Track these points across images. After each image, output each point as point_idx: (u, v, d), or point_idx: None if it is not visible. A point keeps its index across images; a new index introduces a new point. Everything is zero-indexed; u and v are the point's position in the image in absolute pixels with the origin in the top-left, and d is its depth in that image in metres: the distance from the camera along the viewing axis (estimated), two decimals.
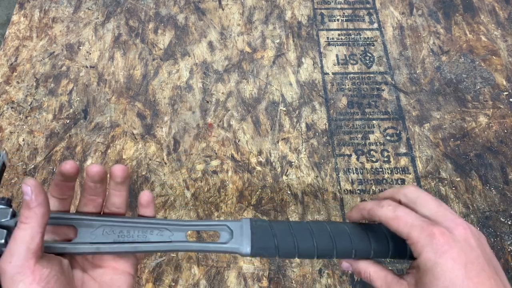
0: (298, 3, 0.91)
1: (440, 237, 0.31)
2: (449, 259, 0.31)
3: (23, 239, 0.30)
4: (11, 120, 0.75)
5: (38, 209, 0.31)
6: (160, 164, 0.71)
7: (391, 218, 0.34)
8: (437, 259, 0.31)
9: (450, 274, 0.30)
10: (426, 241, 0.32)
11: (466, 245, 0.31)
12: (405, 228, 0.33)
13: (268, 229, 0.36)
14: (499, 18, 0.88)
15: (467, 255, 0.31)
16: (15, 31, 0.87)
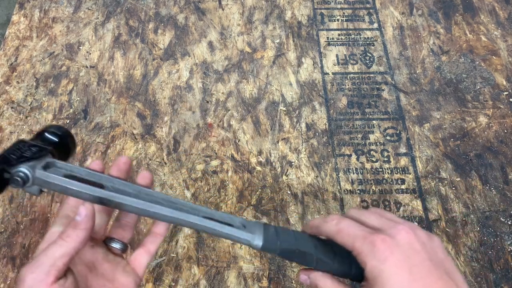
0: (298, 3, 0.91)
1: (381, 244, 0.32)
2: (392, 265, 0.31)
3: (54, 254, 0.32)
4: (11, 120, 0.75)
5: (82, 233, 0.33)
6: (160, 164, 0.71)
7: (335, 232, 0.35)
8: (381, 265, 0.31)
9: (396, 279, 0.31)
10: (368, 250, 0.32)
11: (410, 249, 0.32)
12: (349, 240, 0.34)
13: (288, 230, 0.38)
14: (499, 18, 0.88)
15: (410, 259, 0.31)
16: (15, 31, 0.87)
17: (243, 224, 0.38)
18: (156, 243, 0.40)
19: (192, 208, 0.38)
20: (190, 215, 0.37)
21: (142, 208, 0.37)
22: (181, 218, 0.37)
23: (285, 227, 0.39)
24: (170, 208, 0.37)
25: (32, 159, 0.36)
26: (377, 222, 0.35)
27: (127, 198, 0.37)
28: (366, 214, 0.36)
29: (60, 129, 0.41)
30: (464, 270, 0.61)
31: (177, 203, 0.38)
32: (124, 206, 0.38)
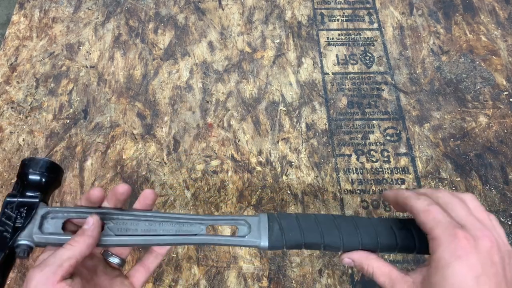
0: (298, 3, 0.91)
1: (462, 240, 0.30)
2: (464, 265, 0.30)
3: (62, 256, 0.33)
4: (11, 120, 0.75)
5: (88, 239, 0.35)
6: (160, 164, 0.71)
7: (422, 211, 0.34)
8: (452, 260, 0.30)
9: (460, 279, 0.29)
10: (446, 240, 0.31)
11: (487, 258, 0.30)
12: (432, 222, 0.33)
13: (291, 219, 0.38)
14: (499, 18, 0.88)
15: (483, 268, 0.30)
16: (15, 31, 0.87)
17: (248, 224, 0.38)
18: (156, 263, 0.41)
19: (196, 219, 0.38)
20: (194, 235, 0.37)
21: (145, 244, 0.38)
22: (186, 241, 0.38)
23: (290, 216, 0.38)
24: (174, 228, 0.38)
25: (26, 226, 0.36)
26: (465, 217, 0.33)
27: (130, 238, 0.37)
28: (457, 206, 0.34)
29: (41, 164, 0.39)
30: None
31: (180, 218, 0.38)
32: (127, 245, 0.38)
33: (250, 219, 0.38)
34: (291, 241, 0.37)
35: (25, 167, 0.38)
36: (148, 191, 0.40)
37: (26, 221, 0.36)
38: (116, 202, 0.39)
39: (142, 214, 0.38)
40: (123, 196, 0.39)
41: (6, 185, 0.68)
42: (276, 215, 0.38)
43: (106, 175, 0.69)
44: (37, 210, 0.37)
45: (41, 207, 0.37)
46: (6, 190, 0.68)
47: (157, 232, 0.37)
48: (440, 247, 0.31)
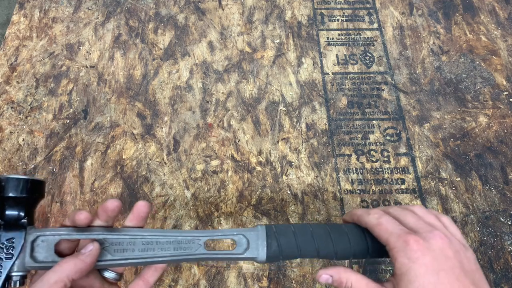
0: (298, 3, 0.91)
1: (414, 244, 0.33)
2: (422, 265, 0.32)
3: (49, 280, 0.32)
4: (11, 120, 0.75)
5: (80, 264, 0.34)
6: (160, 164, 0.71)
7: (374, 225, 0.37)
8: (411, 264, 0.32)
9: (423, 279, 0.32)
10: (401, 247, 0.33)
11: (441, 254, 0.33)
12: (385, 235, 0.35)
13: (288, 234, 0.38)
14: (499, 18, 0.88)
15: (440, 264, 0.32)
16: (15, 31, 0.87)
17: (246, 238, 0.38)
18: (156, 276, 0.40)
19: (194, 236, 0.37)
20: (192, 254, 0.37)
21: (141, 262, 0.37)
22: (185, 258, 0.37)
23: (287, 231, 0.38)
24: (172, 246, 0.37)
25: (17, 258, 0.33)
26: (415, 224, 0.36)
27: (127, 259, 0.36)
28: (408, 215, 0.37)
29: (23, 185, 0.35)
30: None
31: (178, 236, 0.37)
32: (124, 265, 0.37)
33: (248, 233, 0.38)
34: (287, 256, 0.38)
35: (4, 190, 0.34)
36: (141, 203, 0.39)
37: (16, 252, 0.33)
38: (107, 218, 0.37)
39: (138, 233, 0.37)
40: (114, 212, 0.37)
41: None
42: (274, 229, 0.38)
43: (106, 175, 0.69)
44: (26, 237, 0.34)
45: (29, 232, 0.35)
46: None
47: (154, 252, 0.36)
48: (398, 255, 0.34)
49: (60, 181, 0.69)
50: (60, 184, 0.68)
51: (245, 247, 0.37)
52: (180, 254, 0.37)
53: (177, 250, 0.37)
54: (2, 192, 0.34)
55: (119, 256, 0.36)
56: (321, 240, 0.38)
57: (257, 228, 0.38)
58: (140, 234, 0.37)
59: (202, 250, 0.37)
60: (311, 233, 0.38)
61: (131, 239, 0.37)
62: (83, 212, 0.35)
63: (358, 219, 0.40)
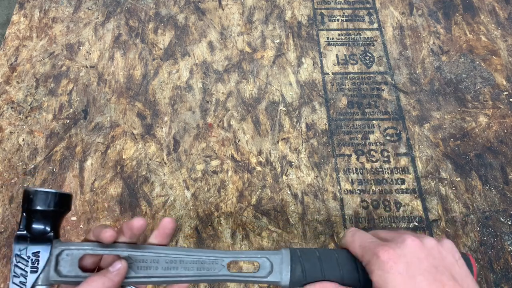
0: (298, 3, 0.91)
1: (384, 255, 0.33)
2: (397, 274, 0.32)
3: None
4: (11, 120, 0.75)
5: (108, 282, 0.34)
6: (160, 164, 0.71)
7: (349, 242, 0.37)
8: (385, 274, 0.32)
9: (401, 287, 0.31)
10: (373, 260, 0.33)
11: (414, 257, 0.33)
12: (359, 251, 0.35)
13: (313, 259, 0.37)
14: (499, 18, 0.88)
15: (414, 268, 0.32)
16: (15, 31, 0.87)
17: (270, 261, 0.37)
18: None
19: (217, 256, 0.37)
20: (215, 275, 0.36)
21: (164, 281, 0.36)
22: (208, 279, 0.37)
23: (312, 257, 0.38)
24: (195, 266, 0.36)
25: (42, 271, 0.33)
26: (387, 234, 0.36)
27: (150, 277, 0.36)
28: (381, 231, 0.38)
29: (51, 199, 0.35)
30: None
31: (202, 255, 0.37)
32: (147, 283, 0.37)
33: (273, 257, 0.37)
34: (311, 281, 0.37)
35: (32, 203, 0.34)
36: (167, 220, 0.39)
37: (41, 266, 0.33)
38: (132, 236, 0.37)
39: (162, 251, 0.37)
40: (139, 231, 0.37)
41: (6, 185, 0.68)
42: (299, 254, 0.37)
43: (106, 175, 0.69)
44: (52, 251, 0.34)
45: (55, 246, 0.35)
46: (6, 190, 0.68)
47: (177, 271, 0.36)
48: (372, 268, 0.33)
49: (60, 181, 0.69)
50: (60, 184, 0.68)
51: (268, 271, 0.37)
52: (203, 274, 0.36)
53: (200, 270, 0.36)
54: (30, 205, 0.34)
55: (143, 273, 0.36)
56: (346, 267, 0.37)
57: (281, 252, 0.38)
58: (164, 252, 0.37)
59: (225, 271, 0.37)
60: (336, 259, 0.37)
61: (155, 257, 0.36)
62: (108, 230, 0.35)
63: (340, 243, 0.40)
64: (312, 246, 0.64)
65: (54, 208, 0.35)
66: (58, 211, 0.35)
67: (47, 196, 0.35)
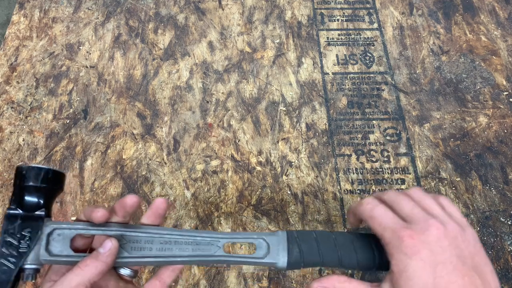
0: (298, 3, 0.91)
1: (409, 240, 0.32)
2: (419, 260, 0.31)
3: (70, 283, 0.32)
4: (11, 120, 0.75)
5: (101, 265, 0.33)
6: (160, 164, 0.71)
7: (368, 217, 0.36)
8: (407, 260, 0.32)
9: (421, 275, 0.31)
10: (396, 243, 0.33)
11: (437, 246, 0.32)
12: (380, 229, 0.34)
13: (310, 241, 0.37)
14: (499, 18, 0.88)
15: (437, 257, 0.31)
16: (15, 31, 0.87)
17: (267, 242, 0.37)
18: (172, 276, 0.39)
19: (213, 237, 0.37)
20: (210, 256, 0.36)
21: (158, 261, 0.36)
22: (203, 261, 0.36)
23: (309, 238, 0.37)
24: (190, 247, 0.36)
25: (32, 249, 0.33)
26: (411, 212, 0.35)
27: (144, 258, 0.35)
28: (403, 201, 0.36)
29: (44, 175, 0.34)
30: None
31: (197, 236, 0.36)
32: (141, 264, 0.36)
33: (269, 238, 0.37)
34: (309, 263, 0.36)
35: (25, 179, 0.34)
36: (159, 200, 0.38)
37: (32, 244, 0.33)
38: (125, 214, 0.37)
39: (156, 232, 0.36)
40: (132, 208, 0.36)
41: (6, 185, 0.68)
42: (296, 235, 0.37)
43: (106, 175, 0.69)
44: (43, 229, 0.34)
45: (46, 224, 0.34)
46: (6, 190, 0.68)
47: (172, 252, 0.35)
48: (393, 251, 0.33)
49: None
50: None
51: (265, 252, 0.36)
52: (198, 255, 0.36)
53: (196, 251, 0.36)
54: (23, 181, 0.34)
55: (136, 254, 0.35)
56: (344, 249, 0.36)
57: (278, 233, 0.37)
58: (158, 233, 0.36)
59: (221, 253, 0.36)
60: (334, 240, 0.37)
61: (149, 237, 0.36)
62: (100, 210, 0.34)
63: (354, 212, 0.38)
64: None
65: (47, 185, 0.34)
66: (51, 188, 0.35)
67: (40, 172, 0.34)
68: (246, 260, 0.36)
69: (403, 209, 0.35)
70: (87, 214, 0.35)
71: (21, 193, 0.34)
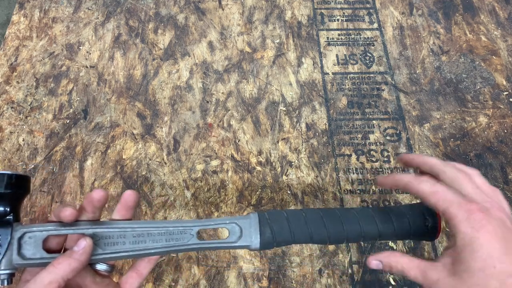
0: (298, 3, 0.91)
1: (478, 213, 0.32)
2: (487, 234, 0.31)
3: (43, 280, 0.31)
4: (11, 120, 0.75)
5: (75, 263, 0.33)
6: (160, 164, 0.71)
7: (430, 193, 0.35)
8: (475, 233, 0.31)
9: (488, 247, 0.30)
10: (464, 216, 0.32)
11: (502, 224, 0.32)
12: (444, 204, 0.34)
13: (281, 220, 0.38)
14: (499, 18, 0.88)
15: (504, 233, 0.31)
16: (15, 31, 0.87)
17: (239, 226, 0.38)
18: (149, 267, 0.39)
19: (185, 226, 0.37)
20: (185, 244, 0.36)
21: (133, 254, 0.36)
22: (177, 249, 0.37)
23: (280, 218, 0.38)
24: (163, 237, 0.36)
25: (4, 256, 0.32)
26: (474, 193, 0.34)
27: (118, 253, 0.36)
28: (464, 182, 0.36)
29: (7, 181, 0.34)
30: None
31: (169, 226, 0.37)
32: (115, 259, 0.36)
33: (241, 221, 0.38)
34: (281, 242, 0.37)
35: None
36: (128, 192, 0.38)
37: (2, 250, 0.32)
38: (94, 210, 0.36)
39: (128, 226, 0.36)
40: (100, 203, 0.36)
41: None
42: (267, 216, 0.38)
43: (106, 175, 0.69)
44: (13, 234, 0.33)
45: (15, 229, 0.34)
46: None
47: (146, 244, 0.36)
48: (460, 224, 0.32)
49: (60, 181, 0.69)
50: (60, 184, 0.68)
51: (238, 235, 0.37)
52: (172, 245, 0.36)
53: (169, 242, 0.36)
54: None
55: (110, 250, 0.35)
56: (315, 225, 0.37)
57: (250, 216, 0.38)
58: (130, 227, 0.36)
59: (194, 240, 0.37)
60: (304, 218, 0.38)
61: (121, 232, 0.36)
62: (68, 209, 0.34)
63: (405, 186, 0.38)
64: (312, 246, 0.64)
65: (12, 190, 0.34)
66: (16, 192, 0.35)
67: (2, 178, 0.34)
68: (220, 245, 0.37)
69: (465, 188, 0.35)
70: (56, 214, 0.35)
71: None
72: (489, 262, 0.30)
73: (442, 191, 0.35)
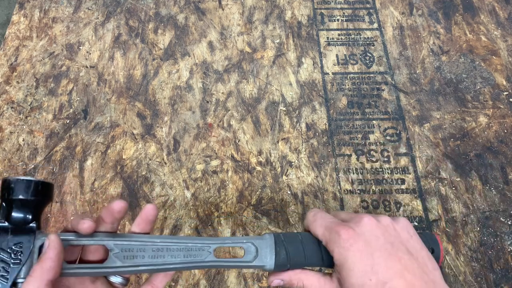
0: (298, 3, 0.91)
1: (345, 234, 0.34)
2: (356, 251, 0.34)
3: None
4: (11, 120, 0.75)
5: (45, 263, 0.31)
6: (160, 164, 0.71)
7: (311, 222, 0.39)
8: (346, 253, 0.34)
9: (359, 264, 0.33)
10: (334, 239, 0.35)
11: (371, 236, 0.35)
12: (320, 230, 0.37)
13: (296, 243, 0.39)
14: (499, 18, 0.88)
15: (372, 245, 0.34)
16: (15, 31, 0.87)
17: (255, 246, 0.38)
18: (164, 282, 0.39)
19: (204, 243, 0.37)
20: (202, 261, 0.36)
21: (151, 269, 0.36)
22: (195, 266, 0.37)
23: (295, 241, 0.39)
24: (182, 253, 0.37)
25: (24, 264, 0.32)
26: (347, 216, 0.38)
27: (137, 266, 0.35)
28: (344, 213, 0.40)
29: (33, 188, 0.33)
30: (464, 270, 0.61)
31: (188, 243, 0.37)
32: (133, 272, 0.36)
33: (257, 242, 0.38)
34: (295, 264, 0.38)
35: (13, 192, 0.33)
36: (149, 206, 0.38)
37: (24, 258, 0.32)
38: (113, 220, 0.36)
39: (149, 240, 0.36)
40: (120, 214, 0.36)
41: None
42: (282, 238, 0.39)
43: (106, 175, 0.69)
44: (34, 242, 0.33)
45: (37, 237, 0.33)
46: None
47: (164, 259, 0.36)
48: (333, 247, 0.35)
49: (60, 181, 0.69)
50: (60, 184, 0.68)
51: (254, 255, 0.38)
52: (190, 261, 0.36)
53: (187, 258, 0.36)
54: (10, 194, 0.33)
55: (129, 263, 0.35)
56: (326, 249, 0.38)
57: (265, 237, 0.39)
58: (150, 241, 0.36)
59: (211, 258, 0.37)
60: (318, 242, 0.39)
61: (141, 246, 0.36)
62: (86, 221, 0.34)
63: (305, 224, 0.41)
64: None
65: (36, 197, 0.34)
66: (40, 200, 0.34)
67: (28, 185, 0.33)
68: (236, 264, 0.38)
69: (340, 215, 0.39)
70: (74, 225, 0.35)
71: (9, 207, 0.33)
72: (365, 277, 0.32)
73: (319, 219, 0.38)
